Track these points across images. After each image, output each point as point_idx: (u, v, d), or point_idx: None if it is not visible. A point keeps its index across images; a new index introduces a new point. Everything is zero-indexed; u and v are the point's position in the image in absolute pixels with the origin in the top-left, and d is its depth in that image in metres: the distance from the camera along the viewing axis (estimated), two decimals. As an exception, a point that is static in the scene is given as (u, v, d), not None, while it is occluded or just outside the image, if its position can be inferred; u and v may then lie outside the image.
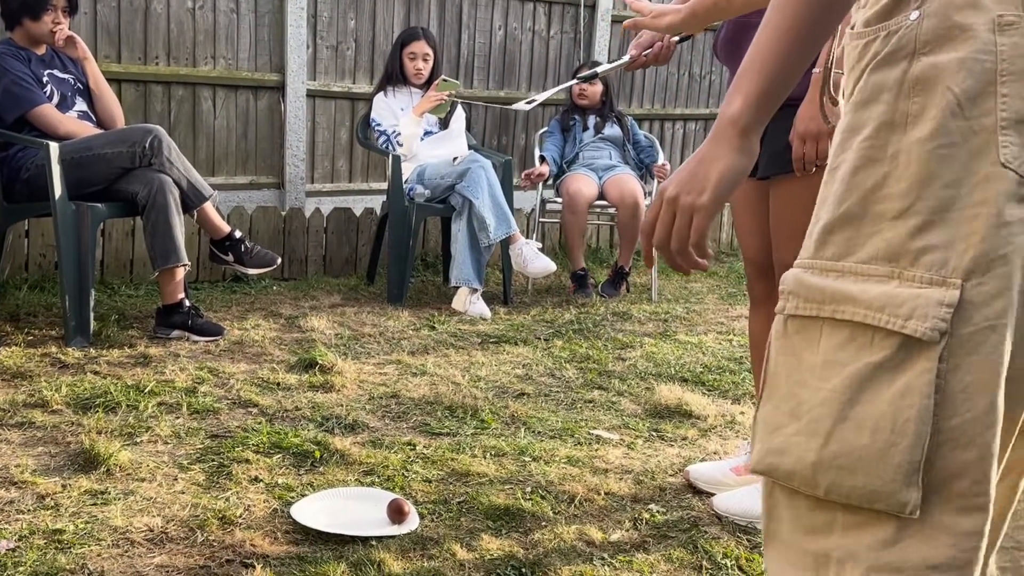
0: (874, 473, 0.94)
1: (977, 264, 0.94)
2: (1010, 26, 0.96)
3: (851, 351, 0.96)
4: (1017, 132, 0.96)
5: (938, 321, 0.93)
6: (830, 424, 0.96)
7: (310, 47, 5.07)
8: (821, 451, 0.96)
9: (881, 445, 0.94)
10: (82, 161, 3.46)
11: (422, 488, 2.35)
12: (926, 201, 0.95)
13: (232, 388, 3.01)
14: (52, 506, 2.13)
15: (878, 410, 0.94)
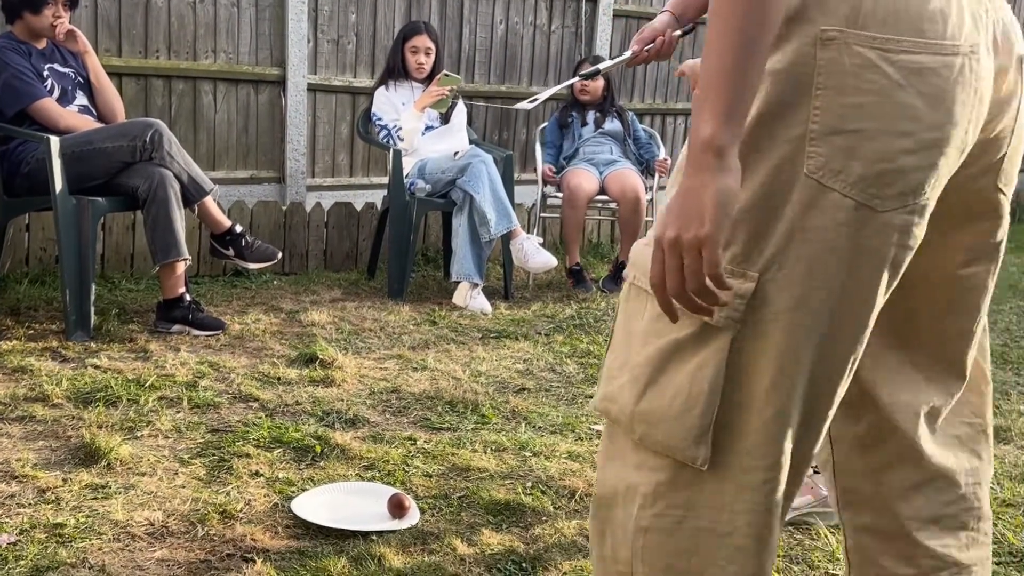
0: (671, 431, 1.09)
1: (773, 262, 1.04)
2: (831, 41, 1.01)
3: (664, 325, 1.09)
4: (826, 143, 1.02)
5: (732, 311, 1.05)
6: (644, 385, 1.11)
7: (311, 41, 5.06)
8: (635, 406, 1.12)
9: (678, 409, 1.08)
10: (83, 155, 3.45)
11: (423, 483, 2.35)
12: None
13: (233, 382, 3.01)
14: (53, 500, 2.13)
15: (678, 379, 1.08)
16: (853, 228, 1.03)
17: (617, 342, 1.17)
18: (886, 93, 1.02)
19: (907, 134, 1.03)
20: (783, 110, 1.03)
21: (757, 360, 1.06)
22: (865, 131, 1.02)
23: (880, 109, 1.02)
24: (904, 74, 1.02)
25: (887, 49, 1.02)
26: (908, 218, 1.06)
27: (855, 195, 1.03)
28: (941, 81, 1.03)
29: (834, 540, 2.19)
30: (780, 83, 1.03)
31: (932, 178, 1.05)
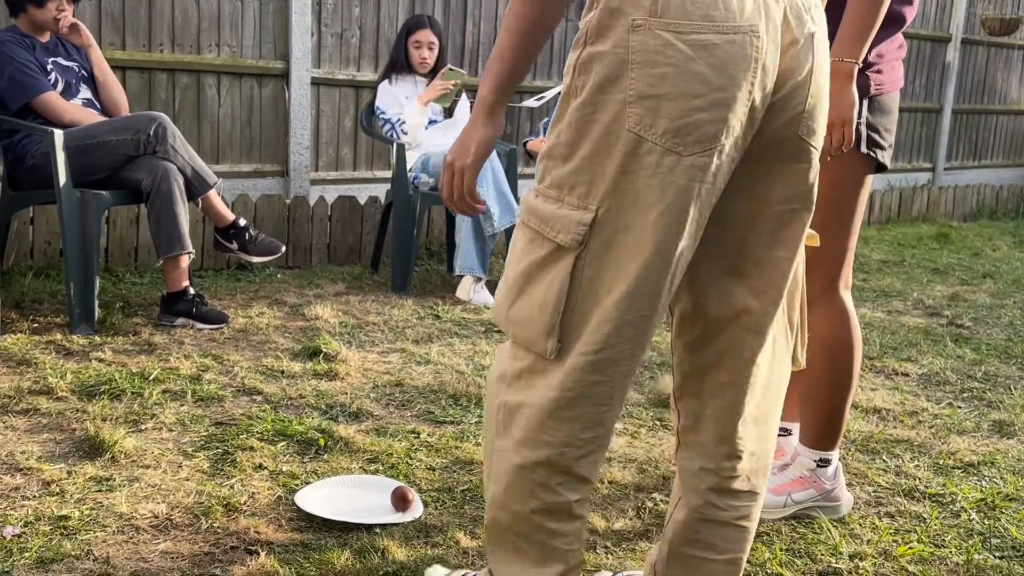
0: (531, 329, 1.43)
1: (607, 196, 1.38)
2: (639, 27, 1.33)
3: (530, 248, 1.44)
4: (640, 105, 1.34)
5: (576, 235, 1.39)
6: (516, 295, 1.46)
7: (314, 35, 5.06)
8: (508, 311, 1.47)
9: (536, 312, 1.43)
10: (86, 149, 3.46)
11: (426, 476, 2.36)
12: (579, 151, 1.39)
13: (236, 376, 3.02)
14: (57, 492, 2.13)
15: (538, 290, 1.43)
16: (664, 168, 1.35)
17: (508, 264, 1.50)
18: (681, 65, 1.32)
19: (699, 95, 1.33)
20: (609, 82, 1.35)
21: (597, 274, 1.40)
22: (667, 95, 1.33)
23: (677, 77, 1.33)
24: (695, 50, 1.33)
25: (680, 31, 1.32)
26: (706, 160, 1.36)
27: (663, 144, 1.34)
28: (724, 54, 1.33)
29: (837, 534, 2.19)
30: (607, 61, 1.35)
31: (724, 129, 1.35)
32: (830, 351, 2.23)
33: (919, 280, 5.27)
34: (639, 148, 1.35)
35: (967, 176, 8.76)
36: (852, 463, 2.62)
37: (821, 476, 2.29)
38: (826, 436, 2.29)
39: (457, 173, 1.52)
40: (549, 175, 1.43)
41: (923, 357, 3.71)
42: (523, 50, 1.45)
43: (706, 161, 1.36)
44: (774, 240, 1.50)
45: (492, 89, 1.47)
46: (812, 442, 2.30)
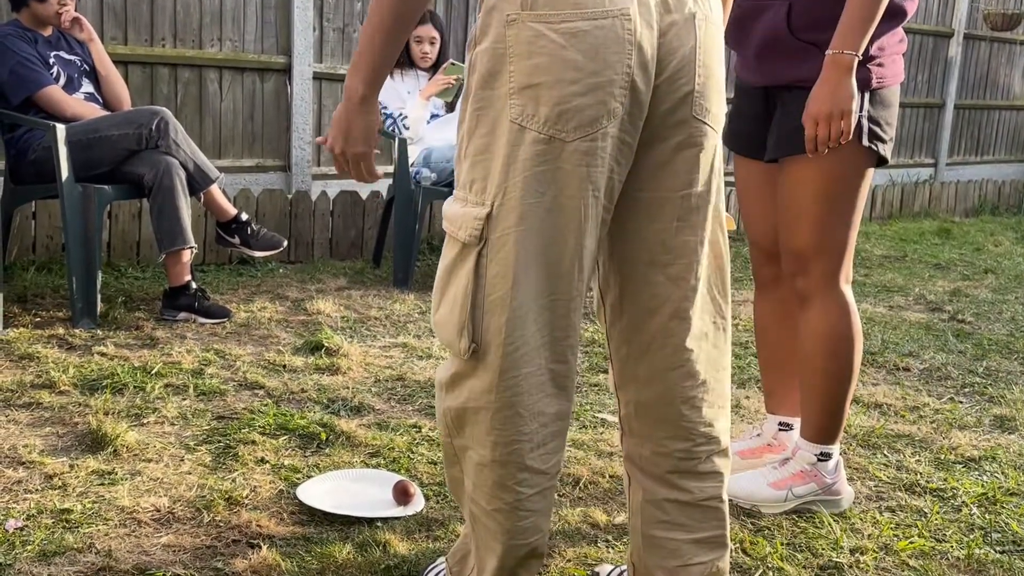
0: (447, 330, 1.47)
1: (499, 190, 1.40)
2: (513, 22, 1.37)
3: (447, 250, 1.48)
4: (520, 96, 1.37)
5: (474, 231, 1.42)
6: (438, 299, 1.50)
7: (316, 29, 5.06)
8: (435, 315, 1.50)
9: (450, 312, 1.46)
10: (89, 143, 3.46)
11: (427, 470, 2.36)
12: (472, 147, 1.43)
13: (238, 370, 3.02)
14: (60, 486, 2.14)
15: (452, 290, 1.46)
16: (550, 156, 1.38)
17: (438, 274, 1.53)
18: (555, 53, 1.36)
19: (575, 81, 1.36)
20: (492, 77, 1.39)
21: (501, 269, 1.41)
22: (544, 83, 1.36)
23: (552, 65, 1.36)
24: (566, 38, 1.36)
25: (550, 21, 1.36)
26: (591, 144, 1.39)
27: (546, 131, 1.38)
28: (594, 39, 1.36)
29: (838, 528, 2.19)
30: (488, 58, 1.39)
31: (605, 113, 1.38)
32: (831, 345, 2.23)
33: (921, 275, 5.27)
34: (523, 138, 1.38)
35: (969, 171, 8.74)
36: (853, 458, 2.62)
37: (822, 470, 2.29)
38: (827, 430, 2.29)
39: (354, 160, 1.56)
40: (460, 176, 1.47)
41: (925, 352, 3.71)
42: (395, 34, 1.46)
43: (591, 146, 1.38)
44: (684, 226, 1.52)
45: (363, 80, 1.50)
46: (813, 436, 2.30)
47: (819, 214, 2.15)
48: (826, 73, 2.00)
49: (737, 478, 2.33)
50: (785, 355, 2.43)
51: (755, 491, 2.27)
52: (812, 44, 2.09)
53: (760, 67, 2.21)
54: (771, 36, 2.13)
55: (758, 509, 2.26)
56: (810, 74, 2.07)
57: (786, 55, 2.13)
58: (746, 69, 2.28)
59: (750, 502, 2.27)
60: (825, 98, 2.00)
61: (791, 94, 2.15)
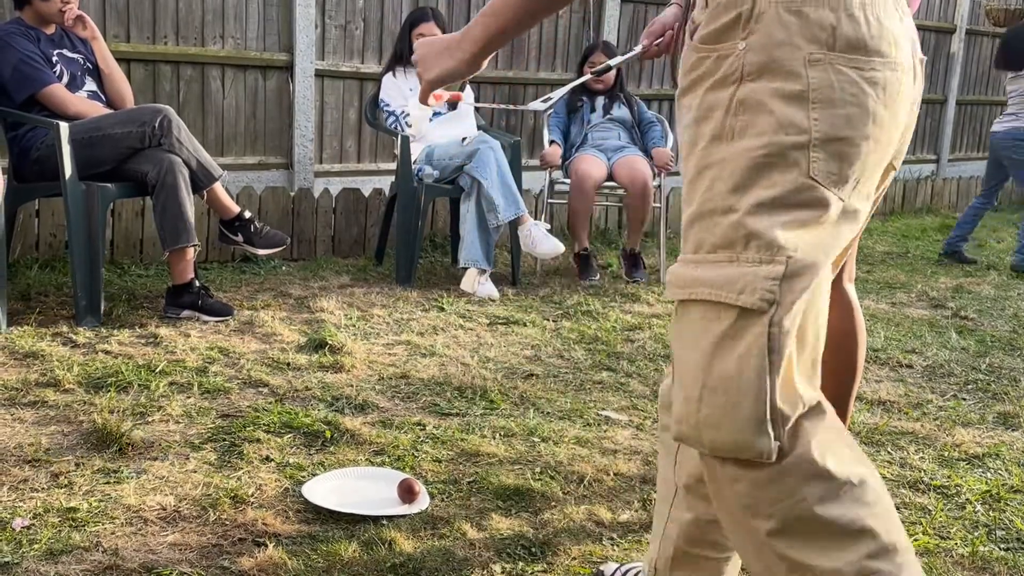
0: (732, 428, 1.15)
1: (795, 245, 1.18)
2: (818, 62, 1.19)
3: (704, 325, 1.19)
4: (824, 150, 1.18)
5: (765, 292, 1.16)
6: (699, 390, 1.18)
7: (319, 27, 5.06)
8: (697, 414, 1.18)
9: (731, 403, 1.15)
10: (92, 141, 3.46)
11: (432, 468, 2.36)
12: (748, 199, 1.18)
13: (243, 368, 3.02)
14: (66, 484, 2.14)
15: (727, 372, 1.16)
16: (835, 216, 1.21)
17: (674, 363, 1.24)
18: (864, 104, 1.20)
19: (876, 139, 1.22)
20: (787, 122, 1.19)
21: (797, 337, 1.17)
22: (852, 138, 1.20)
23: (861, 118, 1.20)
24: (872, 87, 1.20)
25: (860, 67, 1.20)
26: (865, 206, 1.26)
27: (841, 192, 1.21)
28: (893, 91, 1.22)
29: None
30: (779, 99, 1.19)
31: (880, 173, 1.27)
32: (834, 343, 2.22)
33: (923, 272, 5.27)
34: (814, 194, 1.19)
35: (971, 167, 8.74)
36: (857, 455, 2.62)
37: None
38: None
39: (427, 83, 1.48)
40: (709, 236, 1.21)
41: (927, 349, 3.71)
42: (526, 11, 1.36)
43: (865, 207, 1.26)
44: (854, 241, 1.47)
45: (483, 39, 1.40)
46: (817, 434, 2.30)
47: None
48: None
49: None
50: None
51: (759, 489, 2.27)
52: None
53: None
54: None
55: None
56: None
57: None
58: None
59: (754, 500, 2.27)
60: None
61: None
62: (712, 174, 1.21)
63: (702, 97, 1.24)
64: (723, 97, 1.21)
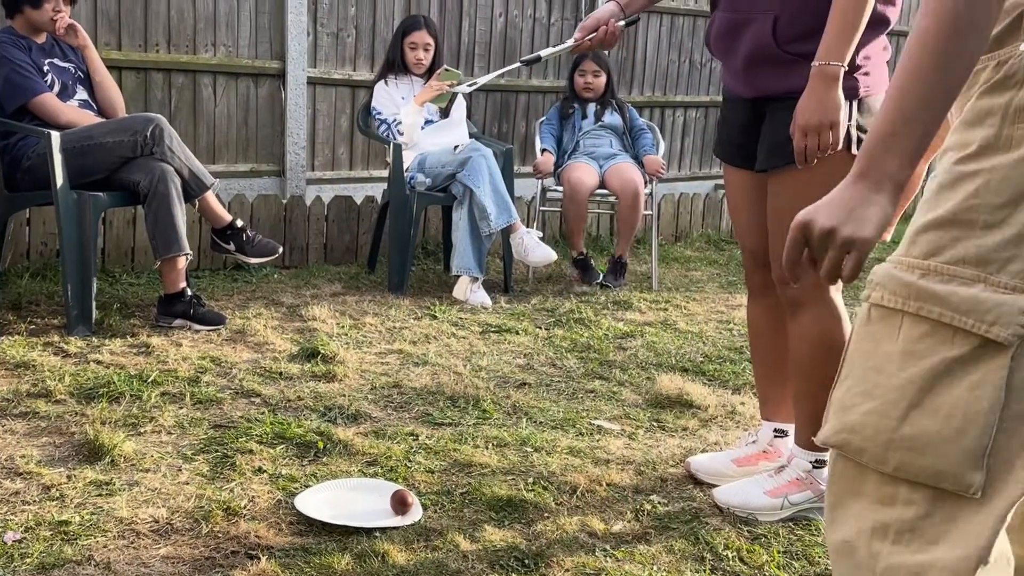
0: (943, 455, 1.06)
1: None
2: None
3: (930, 345, 1.08)
4: None
5: (1019, 328, 1.04)
6: (905, 408, 1.08)
7: (310, 34, 5.06)
8: (894, 432, 1.08)
9: (952, 431, 1.05)
10: (83, 150, 3.45)
11: (425, 479, 2.37)
12: (1020, 215, 1.06)
13: (235, 378, 3.02)
14: (57, 497, 2.14)
15: (951, 400, 1.06)
16: None
17: (852, 370, 1.14)
18: None
19: None
20: None
21: None
22: None
23: None
24: None
25: None
26: None
27: None
28: None
29: (834, 536, 2.20)
30: None
31: None
32: (823, 350, 2.24)
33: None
34: None
35: (961, 173, 8.78)
36: (848, 464, 2.63)
37: (817, 477, 2.31)
38: (822, 437, 2.30)
39: (840, 245, 1.13)
40: (956, 247, 1.09)
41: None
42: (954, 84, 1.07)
43: None
44: None
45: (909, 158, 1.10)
46: (807, 443, 2.31)
47: None
48: (812, 84, 2.01)
49: (733, 486, 2.34)
50: (779, 362, 2.44)
51: (751, 499, 2.28)
52: (799, 56, 2.10)
53: (748, 79, 2.21)
54: (758, 49, 2.14)
55: (755, 517, 2.27)
56: (798, 85, 2.09)
57: (773, 67, 2.14)
58: (734, 80, 2.28)
59: (746, 510, 2.28)
60: (813, 110, 2.01)
61: (779, 105, 2.17)
62: (978, 183, 1.08)
63: (974, 102, 1.12)
64: (999, 102, 1.09)
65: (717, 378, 3.35)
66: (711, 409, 3.00)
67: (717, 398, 3.11)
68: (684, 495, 2.39)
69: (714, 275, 5.20)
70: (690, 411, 2.99)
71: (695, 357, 3.59)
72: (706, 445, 2.73)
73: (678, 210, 6.04)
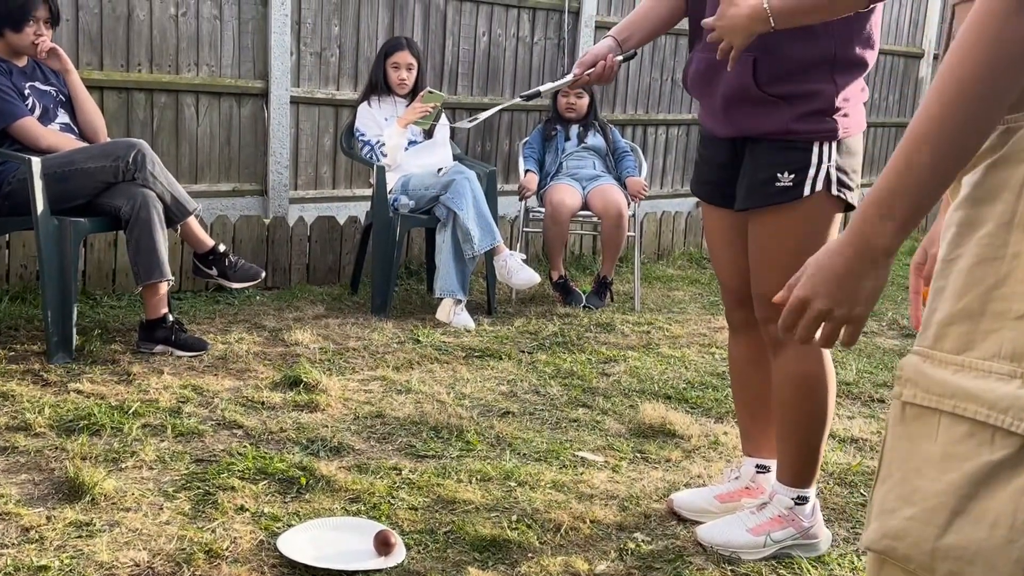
0: (993, 566, 0.99)
1: None
2: None
3: (970, 447, 1.01)
4: None
5: None
6: (948, 516, 1.01)
7: (294, 53, 5.05)
8: (938, 541, 1.02)
9: (1000, 540, 0.98)
10: (65, 175, 3.43)
11: (408, 517, 2.36)
12: None
13: (216, 408, 3.00)
14: (37, 539, 2.12)
15: (997, 506, 0.99)
16: None
17: (893, 469, 1.09)
18: None
19: None
20: None
21: None
22: None
23: None
24: None
25: None
26: None
27: None
28: None
29: (816, 575, 2.21)
30: None
31: None
32: (805, 388, 2.26)
33: (893, 298, 5.32)
34: None
35: (941, 189, 8.85)
36: (830, 497, 2.64)
37: (799, 514, 2.32)
38: (803, 474, 2.31)
39: (835, 323, 1.13)
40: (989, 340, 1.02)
41: (899, 382, 3.74)
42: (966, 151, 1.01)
43: None
44: None
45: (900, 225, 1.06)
46: (789, 480, 2.32)
47: (789, 263, 2.17)
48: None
49: (716, 524, 2.35)
50: (761, 398, 2.45)
51: (734, 537, 2.29)
52: (779, 97, 2.11)
53: (727, 119, 2.22)
54: (738, 90, 2.15)
55: (738, 556, 2.28)
56: (777, 126, 2.10)
57: (752, 107, 2.15)
58: (712, 120, 2.29)
59: (729, 549, 2.29)
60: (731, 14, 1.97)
61: (759, 145, 2.18)
62: (1003, 268, 1.01)
63: (983, 174, 1.05)
64: (1015, 175, 1.02)
65: (700, 406, 3.36)
66: (694, 439, 3.01)
67: (700, 427, 3.12)
68: (667, 532, 2.39)
69: (696, 295, 5.22)
70: (673, 441, 3.00)
71: (678, 384, 3.59)
72: (689, 478, 2.73)
73: (660, 228, 6.06)
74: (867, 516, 1.13)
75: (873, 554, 1.11)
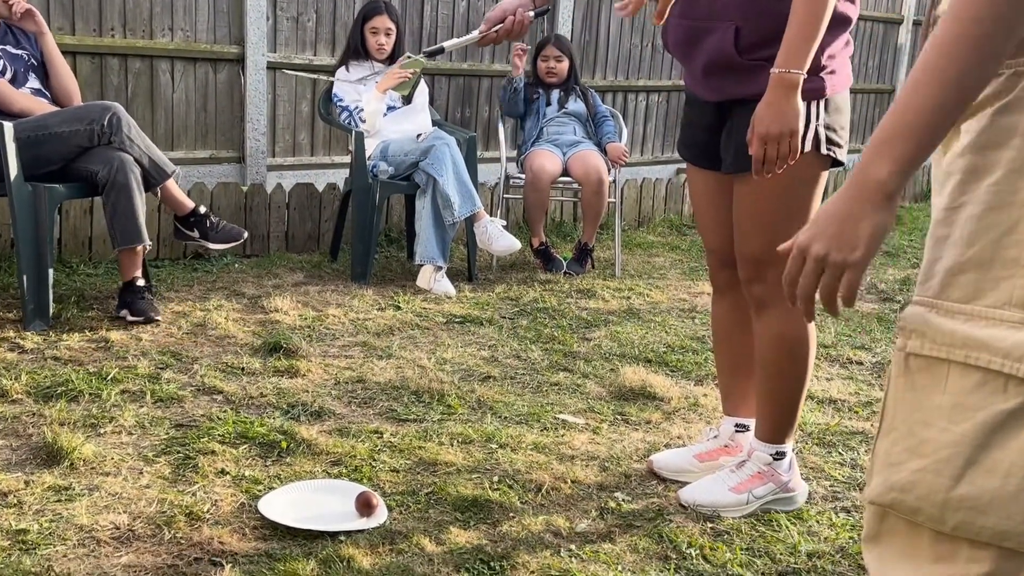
0: (1006, 514, 0.99)
1: None
2: None
3: (982, 396, 1.00)
4: None
5: None
6: (960, 466, 1.00)
7: (270, 18, 4.98)
8: (950, 492, 1.01)
9: (1013, 489, 0.98)
10: (38, 140, 3.38)
11: (390, 479, 2.36)
12: None
13: (196, 374, 2.99)
14: (15, 504, 2.10)
15: (1010, 455, 0.98)
16: None
17: (897, 422, 1.07)
18: None
19: None
20: None
21: None
22: None
23: None
24: None
25: None
26: None
27: None
28: None
29: (796, 532, 2.23)
30: None
31: None
32: (787, 347, 2.27)
33: (871, 263, 5.35)
34: None
35: (919, 156, 8.88)
36: (809, 457, 2.67)
37: (778, 469, 2.34)
38: (782, 430, 2.33)
39: (834, 270, 1.07)
40: (999, 288, 1.01)
41: (876, 345, 3.78)
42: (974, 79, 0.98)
43: None
44: None
45: (902, 165, 1.02)
46: (768, 436, 2.34)
47: (776, 222, 2.18)
48: (771, 92, 2.00)
49: (697, 485, 2.36)
50: (742, 359, 2.46)
51: (717, 497, 2.31)
52: (761, 60, 2.10)
53: (708, 85, 2.21)
54: (720, 58, 2.13)
55: (718, 514, 2.29)
56: (762, 88, 2.09)
57: (736, 74, 2.14)
58: (696, 84, 2.27)
59: (713, 508, 2.30)
60: (772, 118, 2.00)
61: (744, 107, 2.17)
62: (1015, 215, 1.00)
63: (990, 119, 1.03)
64: (1023, 123, 1.00)
65: (680, 369, 3.37)
66: (674, 401, 3.02)
67: (680, 390, 3.13)
68: (648, 491, 2.41)
69: (676, 261, 5.23)
70: (653, 403, 3.01)
71: (658, 347, 3.60)
72: (669, 439, 2.75)
73: (640, 195, 6.05)
74: (868, 471, 1.12)
75: (874, 508, 1.10)
